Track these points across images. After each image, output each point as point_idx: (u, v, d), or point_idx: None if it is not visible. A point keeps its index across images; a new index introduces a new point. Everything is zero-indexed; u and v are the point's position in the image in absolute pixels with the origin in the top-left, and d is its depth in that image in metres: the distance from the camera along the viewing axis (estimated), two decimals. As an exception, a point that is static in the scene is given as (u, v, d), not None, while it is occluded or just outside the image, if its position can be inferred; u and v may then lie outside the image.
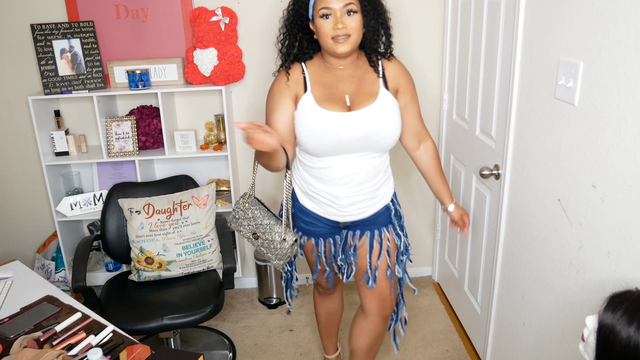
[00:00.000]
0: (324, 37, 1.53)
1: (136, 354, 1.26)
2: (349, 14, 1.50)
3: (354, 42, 1.54)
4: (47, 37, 2.32)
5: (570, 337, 1.49)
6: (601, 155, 1.28)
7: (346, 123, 1.57)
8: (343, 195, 1.67)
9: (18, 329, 1.45)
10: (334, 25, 1.50)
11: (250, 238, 1.74)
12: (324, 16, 1.51)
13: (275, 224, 1.69)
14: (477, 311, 2.27)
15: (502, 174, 1.89)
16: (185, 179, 2.44)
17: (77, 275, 2.03)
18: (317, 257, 1.83)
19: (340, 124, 1.56)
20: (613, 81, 1.22)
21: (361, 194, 1.69)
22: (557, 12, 1.45)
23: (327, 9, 1.50)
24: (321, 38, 1.54)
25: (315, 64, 1.65)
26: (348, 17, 1.50)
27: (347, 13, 1.50)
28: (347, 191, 1.67)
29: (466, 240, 2.36)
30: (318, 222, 1.77)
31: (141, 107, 2.54)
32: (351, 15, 1.51)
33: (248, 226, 1.72)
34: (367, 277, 1.78)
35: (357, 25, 1.52)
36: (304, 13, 1.58)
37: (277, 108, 1.62)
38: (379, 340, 1.92)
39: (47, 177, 2.44)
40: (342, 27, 1.49)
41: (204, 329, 2.61)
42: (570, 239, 1.46)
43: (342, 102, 1.59)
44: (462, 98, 2.32)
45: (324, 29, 1.52)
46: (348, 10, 1.50)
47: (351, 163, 1.63)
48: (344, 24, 1.49)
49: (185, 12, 2.44)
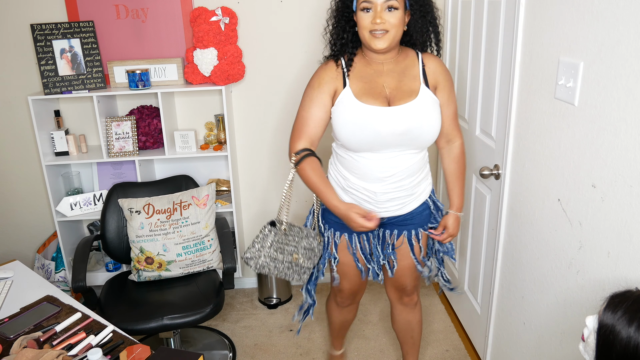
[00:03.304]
0: (362, 30, 1.55)
1: (136, 354, 1.26)
2: (390, 10, 1.50)
3: (392, 39, 1.54)
4: (47, 37, 2.32)
5: (570, 337, 1.49)
6: (601, 155, 1.28)
7: (385, 118, 1.56)
8: (380, 191, 1.65)
9: (18, 329, 1.45)
10: (373, 20, 1.51)
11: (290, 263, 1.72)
12: (365, 9, 1.52)
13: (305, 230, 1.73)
14: (477, 311, 2.27)
15: (502, 174, 1.89)
16: (185, 179, 2.44)
17: (77, 275, 2.03)
18: (353, 254, 1.79)
19: (380, 119, 1.55)
20: (613, 81, 1.22)
21: (399, 190, 1.67)
22: (557, 12, 1.45)
23: (368, 3, 1.51)
24: (360, 31, 1.56)
25: (357, 57, 1.64)
26: (388, 13, 1.50)
27: (388, 9, 1.50)
28: (385, 187, 1.65)
29: (466, 240, 2.36)
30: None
31: (141, 107, 2.54)
32: (392, 11, 1.51)
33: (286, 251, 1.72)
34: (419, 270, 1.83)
35: (396, 21, 1.52)
36: (350, 4, 1.59)
37: (315, 102, 1.62)
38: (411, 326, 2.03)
39: (47, 177, 2.44)
40: (381, 22, 1.50)
41: (204, 329, 2.61)
42: (570, 239, 1.46)
43: (382, 97, 1.58)
44: (462, 98, 2.32)
45: (363, 22, 1.53)
46: (389, 6, 1.50)
47: (390, 159, 1.61)
48: (383, 19, 1.50)
49: (185, 12, 2.44)
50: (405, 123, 1.56)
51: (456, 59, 2.39)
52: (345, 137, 1.58)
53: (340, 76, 1.61)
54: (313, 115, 1.62)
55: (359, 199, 1.70)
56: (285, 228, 1.70)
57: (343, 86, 1.60)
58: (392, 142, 1.58)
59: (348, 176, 1.68)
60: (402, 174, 1.64)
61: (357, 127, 1.56)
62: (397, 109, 1.57)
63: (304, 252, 1.72)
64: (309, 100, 1.63)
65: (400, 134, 1.56)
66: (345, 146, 1.62)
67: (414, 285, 1.91)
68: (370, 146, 1.58)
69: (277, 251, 1.69)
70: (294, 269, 1.73)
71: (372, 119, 1.55)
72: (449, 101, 1.68)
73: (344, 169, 1.68)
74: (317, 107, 1.62)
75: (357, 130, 1.56)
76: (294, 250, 1.71)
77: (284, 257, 1.70)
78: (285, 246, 1.70)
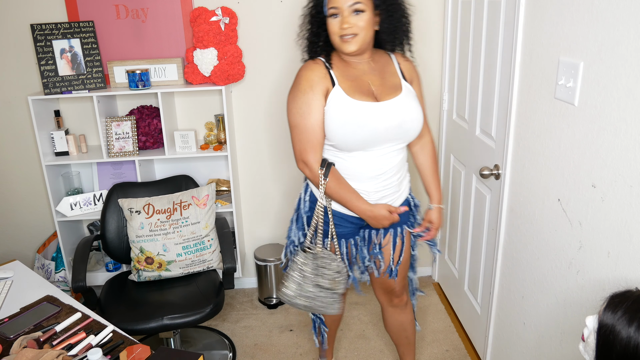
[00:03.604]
0: (332, 36, 1.57)
1: (136, 354, 1.26)
2: (357, 13, 1.52)
3: (362, 41, 1.55)
4: (47, 37, 2.32)
5: (570, 337, 1.49)
6: (601, 155, 1.28)
7: (380, 113, 1.57)
8: (373, 189, 1.67)
9: (18, 329, 1.45)
10: (341, 25, 1.53)
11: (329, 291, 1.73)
12: (333, 15, 1.54)
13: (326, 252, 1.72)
14: (477, 311, 2.27)
15: (502, 174, 1.89)
16: (185, 179, 2.44)
17: (77, 275, 2.03)
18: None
19: (375, 114, 1.57)
20: (613, 81, 1.22)
21: (388, 188, 1.70)
22: (557, 12, 1.45)
23: (334, 9, 1.53)
24: (331, 36, 1.59)
25: (337, 58, 1.65)
26: (355, 16, 1.52)
27: (355, 12, 1.52)
28: (377, 185, 1.67)
29: (466, 240, 2.36)
30: (343, 221, 1.74)
31: (141, 107, 2.54)
32: (359, 14, 1.52)
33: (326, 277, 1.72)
34: (388, 270, 1.84)
35: (364, 24, 1.53)
36: (321, 10, 1.60)
37: (314, 107, 1.56)
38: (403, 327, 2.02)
39: (47, 177, 2.44)
40: (348, 27, 1.52)
41: (204, 329, 2.61)
42: (570, 239, 1.46)
43: (369, 94, 1.60)
44: (462, 98, 2.32)
45: (332, 27, 1.56)
46: (355, 10, 1.52)
47: (379, 157, 1.63)
48: (350, 23, 1.52)
49: (185, 12, 2.44)
50: (399, 116, 1.59)
51: (456, 59, 2.39)
52: (342, 137, 1.57)
53: (327, 75, 1.60)
54: (317, 121, 1.57)
55: None
56: (320, 250, 1.72)
57: (332, 85, 1.59)
58: (387, 137, 1.60)
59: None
60: (391, 172, 1.67)
61: (355, 126, 1.55)
62: (387, 103, 1.59)
63: (337, 275, 1.73)
64: (307, 106, 1.56)
65: (395, 127, 1.59)
66: (339, 147, 1.61)
67: (403, 285, 1.91)
68: (365, 144, 1.59)
69: (319, 276, 1.71)
70: (333, 297, 1.74)
71: (368, 115, 1.56)
72: (420, 98, 1.74)
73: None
74: (318, 111, 1.57)
75: (356, 129, 1.55)
76: (332, 275, 1.72)
77: (325, 283, 1.72)
78: (324, 271, 1.72)
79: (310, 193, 1.76)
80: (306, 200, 1.76)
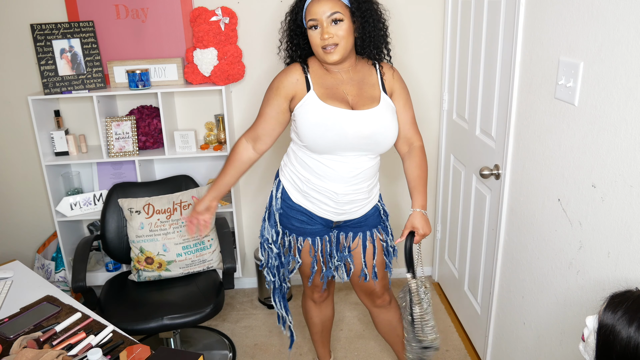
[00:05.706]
0: (315, 48, 1.60)
1: (136, 354, 1.26)
2: (336, 23, 1.54)
3: (343, 50, 1.58)
4: (47, 37, 2.32)
5: (570, 337, 1.49)
6: (601, 155, 1.28)
7: (351, 120, 1.59)
8: (342, 192, 1.69)
9: (18, 329, 1.45)
10: (321, 36, 1.55)
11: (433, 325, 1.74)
12: (312, 27, 1.57)
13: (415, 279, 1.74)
14: (477, 311, 2.27)
15: (502, 174, 1.89)
16: (185, 179, 2.44)
17: (77, 275, 2.03)
18: (314, 257, 1.83)
19: (346, 120, 1.58)
20: (613, 81, 1.22)
21: (358, 193, 1.71)
22: (557, 12, 1.45)
23: (313, 20, 1.55)
24: (313, 48, 1.61)
25: (315, 65, 1.68)
26: (335, 26, 1.55)
27: (334, 22, 1.54)
28: (347, 188, 1.69)
29: (466, 240, 2.36)
30: (312, 220, 1.77)
31: (141, 107, 2.54)
32: (338, 23, 1.55)
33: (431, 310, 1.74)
34: (363, 274, 1.84)
35: (344, 33, 1.56)
36: (300, 23, 1.63)
37: (270, 103, 1.68)
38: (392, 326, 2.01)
39: (47, 177, 2.44)
40: (329, 37, 1.54)
41: (204, 329, 2.61)
42: (570, 239, 1.46)
43: (345, 102, 1.62)
44: (462, 98, 2.32)
45: (314, 40, 1.58)
46: (334, 20, 1.54)
47: (350, 162, 1.65)
48: (330, 33, 1.54)
49: (185, 12, 2.44)
50: (370, 127, 1.60)
51: (456, 59, 2.39)
52: (311, 138, 1.61)
53: (302, 81, 1.63)
54: (268, 114, 1.68)
55: (318, 201, 1.72)
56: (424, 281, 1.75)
57: (307, 90, 1.62)
58: (356, 145, 1.61)
59: (309, 177, 1.70)
60: (362, 176, 1.69)
61: (324, 129, 1.58)
62: (361, 113, 1.61)
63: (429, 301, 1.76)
64: (267, 101, 1.69)
65: (365, 137, 1.60)
66: (310, 148, 1.64)
67: (382, 285, 1.91)
68: (334, 148, 1.61)
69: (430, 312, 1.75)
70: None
71: (338, 120, 1.58)
72: (405, 107, 1.73)
73: (305, 170, 1.70)
74: (273, 109, 1.67)
75: (325, 132, 1.58)
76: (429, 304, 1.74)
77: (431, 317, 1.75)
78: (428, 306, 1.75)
79: (282, 190, 1.77)
80: (277, 197, 1.78)
